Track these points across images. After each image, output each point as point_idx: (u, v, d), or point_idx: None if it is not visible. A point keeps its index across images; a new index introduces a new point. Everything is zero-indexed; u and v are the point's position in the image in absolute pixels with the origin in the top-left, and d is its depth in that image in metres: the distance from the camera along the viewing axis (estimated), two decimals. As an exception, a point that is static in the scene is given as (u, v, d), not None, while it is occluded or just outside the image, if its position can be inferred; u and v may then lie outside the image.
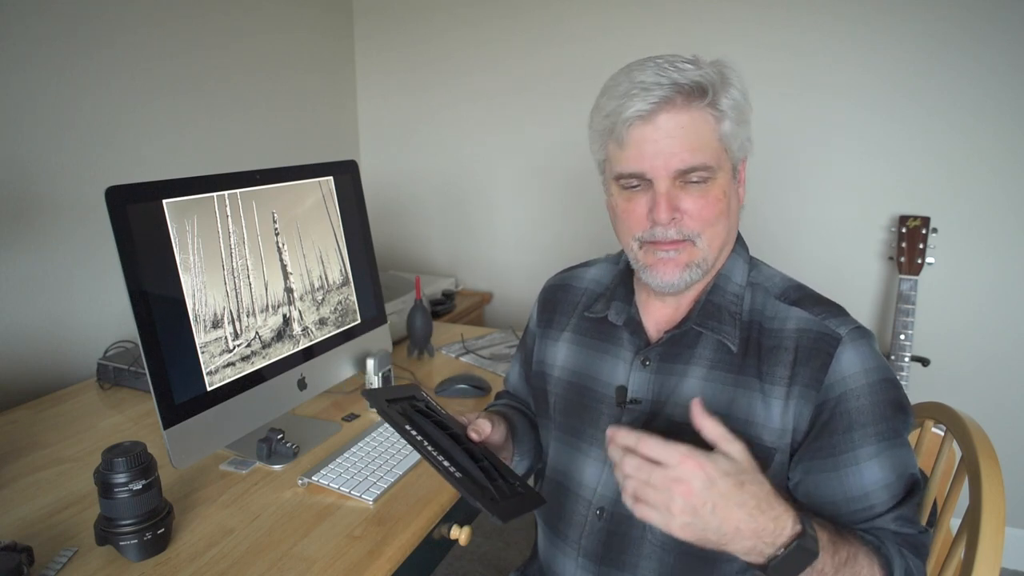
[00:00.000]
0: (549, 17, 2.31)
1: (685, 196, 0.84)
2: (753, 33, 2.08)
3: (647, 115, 0.82)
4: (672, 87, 0.81)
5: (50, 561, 0.90)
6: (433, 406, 0.90)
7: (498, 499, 0.76)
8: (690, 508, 0.66)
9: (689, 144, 0.82)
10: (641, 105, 0.81)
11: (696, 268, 0.87)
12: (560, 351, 1.03)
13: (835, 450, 0.81)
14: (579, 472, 0.96)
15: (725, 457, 0.69)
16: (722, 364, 0.87)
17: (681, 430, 0.87)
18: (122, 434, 1.28)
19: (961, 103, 1.93)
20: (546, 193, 2.44)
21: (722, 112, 0.83)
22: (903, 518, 0.81)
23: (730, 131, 0.84)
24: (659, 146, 0.82)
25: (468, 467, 0.80)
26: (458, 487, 0.76)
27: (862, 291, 2.14)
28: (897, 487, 0.81)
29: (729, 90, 0.84)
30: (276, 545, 0.96)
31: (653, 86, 0.81)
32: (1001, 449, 0.96)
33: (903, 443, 0.82)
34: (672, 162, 0.82)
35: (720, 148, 0.84)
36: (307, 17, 2.36)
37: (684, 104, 0.82)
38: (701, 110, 0.82)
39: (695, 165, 0.82)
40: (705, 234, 0.85)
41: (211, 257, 1.09)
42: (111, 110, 1.68)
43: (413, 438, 0.81)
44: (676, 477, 0.66)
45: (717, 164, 0.84)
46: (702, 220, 0.84)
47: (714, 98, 0.82)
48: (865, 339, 0.83)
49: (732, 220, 0.89)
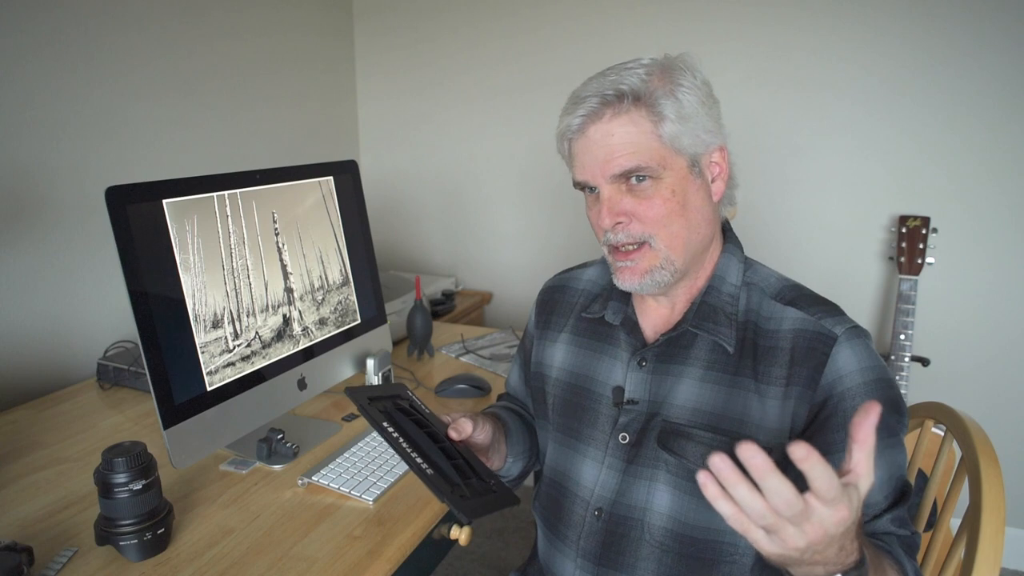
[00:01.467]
0: (549, 17, 2.32)
1: (631, 199, 0.85)
2: (752, 33, 2.08)
3: (579, 128, 0.86)
4: (598, 99, 0.84)
5: (50, 561, 0.90)
6: (417, 405, 0.91)
7: (468, 496, 0.78)
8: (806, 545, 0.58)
9: (622, 149, 0.83)
10: (572, 120, 0.86)
11: (659, 271, 0.87)
12: (558, 352, 1.03)
13: (830, 449, 0.81)
14: (577, 472, 0.96)
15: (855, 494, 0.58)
16: (718, 365, 0.87)
17: (677, 431, 0.87)
18: (122, 434, 1.28)
19: (961, 103, 1.93)
20: (546, 193, 2.44)
21: (659, 113, 0.83)
22: (899, 519, 0.81)
23: (674, 130, 0.83)
24: (592, 155, 0.85)
25: (441, 464, 0.81)
26: (427, 483, 0.77)
27: (862, 291, 2.14)
28: (889, 488, 0.81)
29: (673, 88, 0.83)
30: (276, 545, 0.96)
31: (583, 100, 0.85)
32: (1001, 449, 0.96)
33: (898, 443, 0.83)
34: (607, 168, 0.84)
35: (663, 148, 0.84)
36: (307, 17, 2.36)
37: (613, 114, 0.83)
38: (629, 115, 0.83)
39: (629, 168, 0.83)
40: (659, 235, 0.85)
41: (211, 257, 1.09)
42: (111, 110, 1.68)
43: (389, 435, 0.82)
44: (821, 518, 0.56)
45: (659, 164, 0.83)
46: (651, 221, 0.85)
47: (647, 101, 0.83)
48: (861, 339, 0.83)
49: (694, 218, 0.87)
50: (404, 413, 0.88)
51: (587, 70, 0.89)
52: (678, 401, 0.88)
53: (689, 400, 0.88)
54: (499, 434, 0.99)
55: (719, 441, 0.85)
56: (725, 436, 0.85)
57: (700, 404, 0.87)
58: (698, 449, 0.86)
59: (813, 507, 0.55)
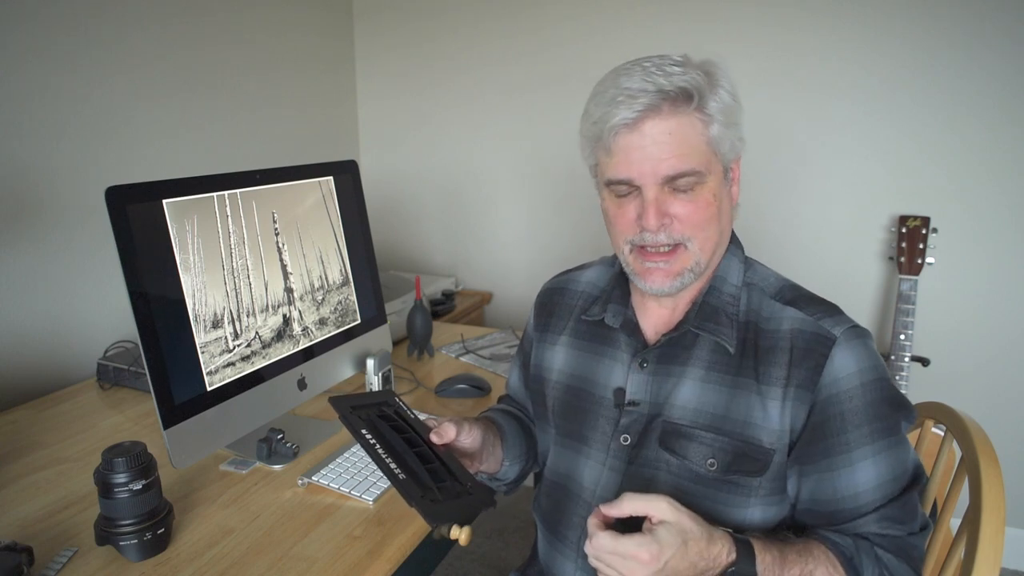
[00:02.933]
0: (549, 17, 2.31)
1: (674, 201, 0.83)
2: (752, 33, 2.08)
3: (633, 123, 0.81)
4: (657, 94, 0.80)
5: (50, 561, 0.90)
6: (402, 411, 0.92)
7: (439, 500, 0.78)
8: None
9: (677, 150, 0.81)
10: (627, 113, 0.81)
11: (689, 273, 0.87)
12: (558, 355, 1.03)
13: (830, 451, 0.81)
14: (578, 474, 0.96)
15: (664, 526, 0.73)
16: (719, 365, 0.87)
17: (679, 432, 0.87)
18: (122, 434, 1.28)
19: (962, 103, 1.93)
20: (546, 192, 2.44)
21: (710, 116, 0.82)
22: (889, 519, 0.81)
23: (719, 134, 0.83)
24: (646, 153, 0.82)
25: (415, 468, 0.81)
26: (397, 486, 0.78)
27: (862, 291, 2.14)
28: (890, 487, 0.81)
29: (717, 92, 0.83)
30: (276, 545, 0.96)
31: (639, 93, 0.80)
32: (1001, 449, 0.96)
33: (899, 441, 0.82)
34: (660, 168, 0.82)
35: (709, 151, 0.83)
36: (307, 17, 2.36)
37: (670, 110, 0.81)
38: (688, 115, 0.81)
39: (683, 171, 0.81)
40: (697, 238, 0.85)
41: (211, 257, 1.09)
42: (111, 110, 1.68)
43: (366, 440, 0.83)
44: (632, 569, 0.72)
45: (706, 168, 0.83)
46: (692, 224, 0.84)
47: (701, 102, 0.81)
48: (860, 339, 0.83)
49: (724, 222, 0.89)
50: (386, 419, 0.88)
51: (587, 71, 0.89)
52: (679, 402, 0.88)
53: (691, 401, 0.88)
54: (494, 438, 0.99)
55: (721, 442, 0.85)
56: (727, 436, 0.85)
57: (702, 405, 0.87)
58: (700, 450, 0.86)
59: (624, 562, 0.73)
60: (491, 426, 1.01)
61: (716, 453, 0.85)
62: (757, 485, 0.84)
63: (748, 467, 0.84)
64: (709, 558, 0.74)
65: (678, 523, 0.74)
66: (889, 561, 0.80)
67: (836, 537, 0.81)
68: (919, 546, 0.83)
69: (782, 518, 0.87)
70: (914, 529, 0.82)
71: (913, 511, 0.83)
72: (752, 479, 0.84)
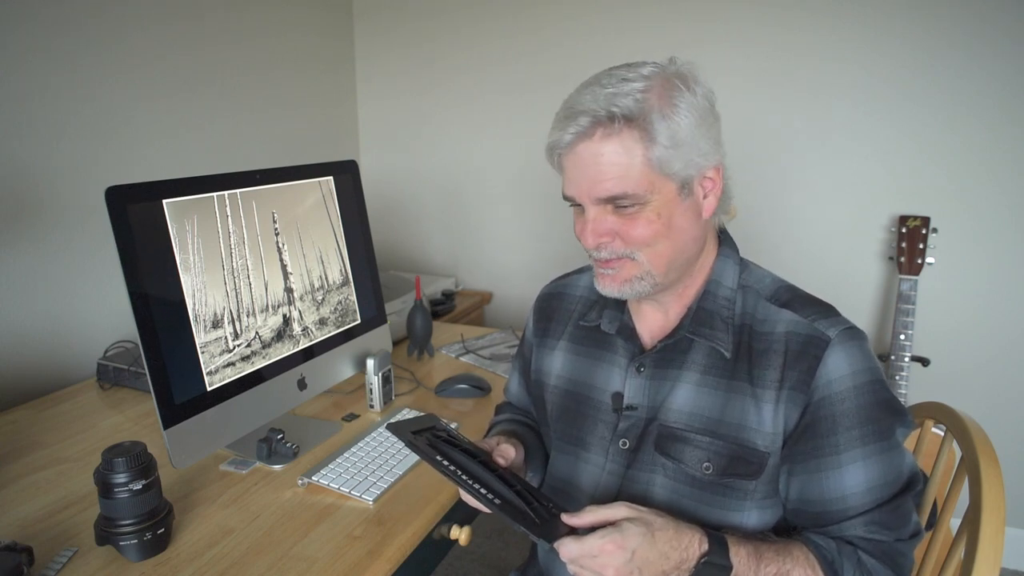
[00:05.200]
0: (550, 17, 2.32)
1: (616, 219, 0.83)
2: (752, 33, 2.08)
3: (568, 146, 0.82)
4: (591, 118, 0.79)
5: (50, 561, 0.90)
6: (454, 434, 0.92)
7: (538, 522, 0.78)
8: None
9: (610, 173, 0.80)
10: (563, 135, 0.82)
11: (639, 281, 0.85)
12: (557, 360, 1.03)
13: (819, 452, 0.81)
14: (578, 478, 0.96)
15: (628, 521, 0.76)
16: (715, 369, 0.87)
17: (675, 436, 0.87)
18: (122, 434, 1.28)
19: (961, 103, 1.93)
20: (546, 193, 2.44)
21: (652, 137, 0.79)
22: (877, 523, 0.81)
23: (663, 155, 0.79)
24: (583, 173, 0.82)
25: (504, 493, 0.82)
26: (500, 514, 0.78)
27: (862, 291, 2.14)
28: (881, 492, 0.81)
29: (671, 111, 0.79)
30: (276, 545, 0.95)
31: (578, 114, 0.80)
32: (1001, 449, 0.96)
33: (892, 445, 0.82)
34: (594, 190, 0.82)
35: (652, 173, 0.80)
36: (307, 17, 2.36)
37: (603, 135, 0.80)
38: (620, 137, 0.79)
39: (616, 194, 0.81)
40: (642, 252, 0.84)
41: (211, 257, 1.09)
42: (111, 110, 1.68)
43: (446, 468, 0.82)
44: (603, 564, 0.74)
45: (646, 189, 0.80)
46: (635, 241, 0.83)
47: (642, 124, 0.78)
48: (855, 340, 0.83)
49: (680, 237, 0.85)
50: (448, 443, 0.88)
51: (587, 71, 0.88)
52: (675, 406, 0.88)
53: (686, 404, 0.88)
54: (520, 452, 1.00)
55: (716, 445, 0.85)
56: (722, 440, 0.85)
57: (697, 408, 0.87)
58: (696, 453, 0.86)
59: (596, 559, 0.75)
60: (517, 440, 1.02)
61: (711, 457, 0.85)
62: (752, 488, 0.84)
63: (743, 470, 0.84)
64: (680, 547, 0.76)
65: (640, 517, 0.77)
66: (873, 566, 0.80)
67: (819, 539, 0.81)
68: (907, 552, 0.83)
69: (775, 520, 0.87)
70: (903, 535, 0.82)
71: (904, 517, 0.82)
72: (747, 482, 0.84)
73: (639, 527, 0.75)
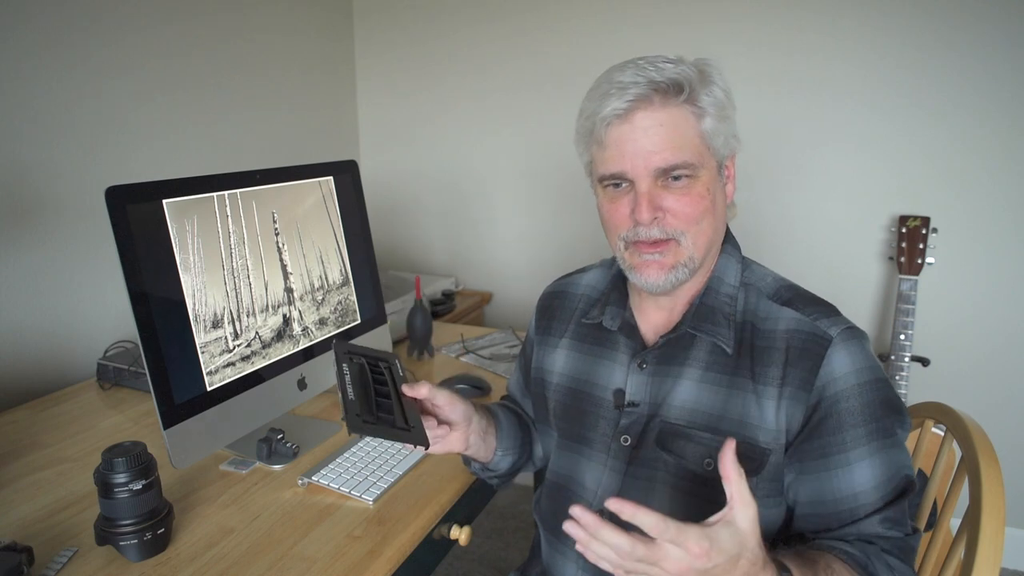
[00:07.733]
0: (549, 17, 2.32)
1: (667, 194, 0.83)
2: (752, 32, 2.08)
3: (624, 114, 0.81)
4: (648, 85, 0.80)
5: (50, 561, 0.90)
6: (394, 369, 0.93)
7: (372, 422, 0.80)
8: None
9: (669, 142, 0.81)
10: (617, 104, 0.81)
11: (682, 268, 0.86)
12: (559, 358, 1.03)
13: (826, 451, 0.81)
14: (580, 476, 0.96)
15: (729, 529, 0.63)
16: (716, 366, 0.87)
17: (676, 432, 0.87)
18: (122, 434, 1.28)
19: (961, 103, 1.93)
20: (546, 193, 2.44)
21: (702, 108, 0.82)
22: (890, 520, 0.81)
23: (712, 128, 0.83)
24: (638, 145, 0.81)
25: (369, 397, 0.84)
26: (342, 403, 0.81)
27: (862, 291, 2.14)
28: (887, 488, 0.81)
29: (710, 87, 0.83)
30: (276, 545, 0.96)
31: (630, 85, 0.81)
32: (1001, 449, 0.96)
33: (895, 443, 0.82)
34: (652, 160, 0.81)
35: (702, 145, 0.83)
36: (307, 17, 2.36)
37: (661, 102, 0.81)
38: (679, 107, 0.81)
39: (676, 163, 0.81)
40: (690, 232, 0.84)
41: (211, 257, 1.09)
42: (111, 110, 1.68)
43: (340, 373, 0.86)
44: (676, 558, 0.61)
45: (700, 161, 0.83)
46: (686, 218, 0.84)
47: (692, 95, 0.82)
48: (856, 339, 0.83)
49: (718, 218, 0.88)
50: (373, 369, 0.91)
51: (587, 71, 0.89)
52: (677, 402, 0.88)
53: (688, 401, 0.88)
54: (487, 424, 1.00)
55: (717, 442, 0.85)
56: (724, 436, 0.85)
57: (698, 405, 0.87)
58: (697, 450, 0.86)
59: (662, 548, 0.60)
60: (487, 414, 1.01)
61: (713, 453, 0.85)
62: (754, 486, 0.84)
63: (745, 467, 0.83)
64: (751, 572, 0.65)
65: (743, 532, 0.64)
66: (897, 566, 0.80)
67: (845, 547, 0.80)
68: (915, 547, 0.83)
69: (779, 520, 0.87)
70: (910, 531, 0.82)
71: (906, 514, 0.83)
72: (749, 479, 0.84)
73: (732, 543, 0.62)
